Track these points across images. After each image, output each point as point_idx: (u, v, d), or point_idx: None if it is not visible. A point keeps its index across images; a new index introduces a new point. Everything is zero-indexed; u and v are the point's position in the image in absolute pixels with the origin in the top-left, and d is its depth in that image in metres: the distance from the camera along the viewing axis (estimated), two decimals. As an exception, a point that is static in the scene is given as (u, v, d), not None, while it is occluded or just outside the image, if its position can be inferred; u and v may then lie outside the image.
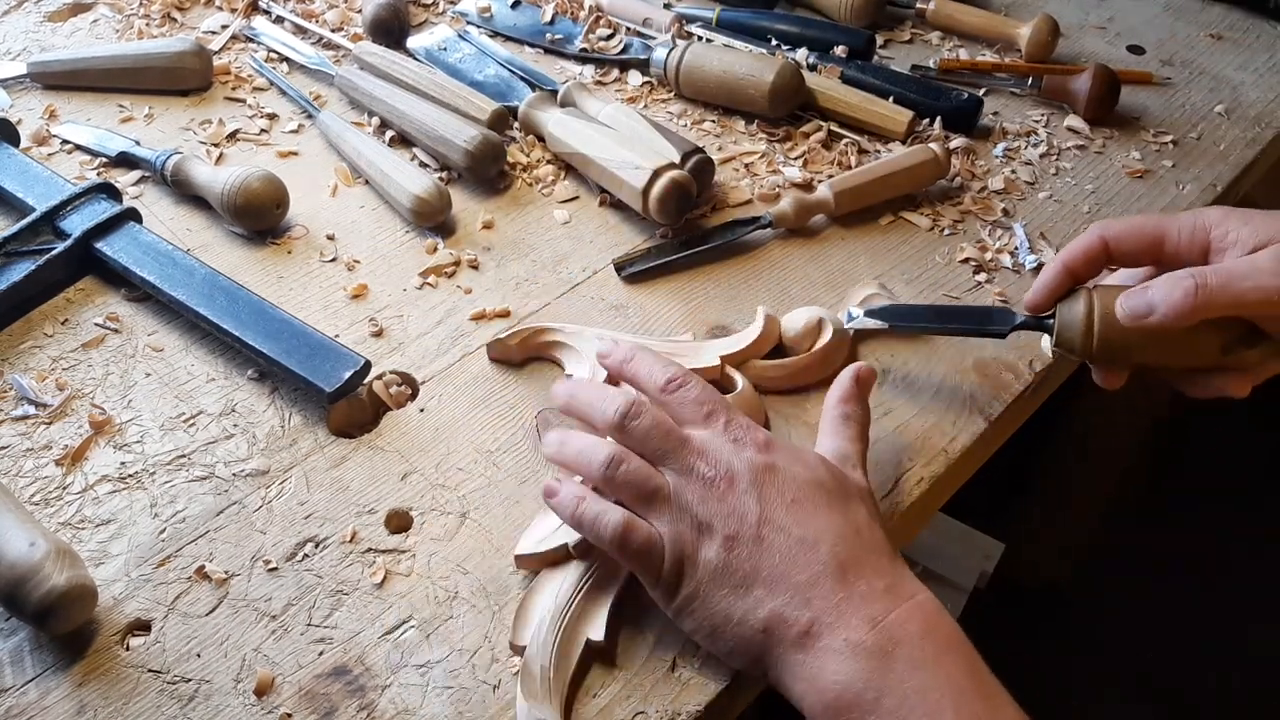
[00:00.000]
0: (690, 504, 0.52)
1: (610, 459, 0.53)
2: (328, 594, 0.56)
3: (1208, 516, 1.54)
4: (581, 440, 0.56)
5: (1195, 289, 0.55)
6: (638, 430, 0.54)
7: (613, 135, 0.80)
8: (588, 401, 0.57)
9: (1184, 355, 0.59)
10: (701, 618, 0.51)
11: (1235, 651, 1.45)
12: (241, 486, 0.61)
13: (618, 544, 0.52)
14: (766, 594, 0.50)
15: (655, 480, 0.53)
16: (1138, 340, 0.58)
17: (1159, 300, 0.56)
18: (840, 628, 0.48)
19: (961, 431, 0.66)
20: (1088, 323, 0.59)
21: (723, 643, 0.51)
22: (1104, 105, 0.91)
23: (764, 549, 0.50)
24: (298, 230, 0.78)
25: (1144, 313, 0.57)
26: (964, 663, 0.48)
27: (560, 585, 0.55)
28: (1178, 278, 0.56)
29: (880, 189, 0.81)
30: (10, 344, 0.69)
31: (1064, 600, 1.49)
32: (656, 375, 0.57)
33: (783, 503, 0.52)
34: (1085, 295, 0.60)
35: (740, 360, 0.67)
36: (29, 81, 0.91)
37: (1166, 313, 0.56)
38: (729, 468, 0.52)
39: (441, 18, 1.02)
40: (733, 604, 0.50)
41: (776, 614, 0.49)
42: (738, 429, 0.55)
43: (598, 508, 0.53)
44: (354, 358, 0.65)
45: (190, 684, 0.52)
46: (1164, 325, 0.56)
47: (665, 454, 0.53)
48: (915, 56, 1.00)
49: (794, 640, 0.49)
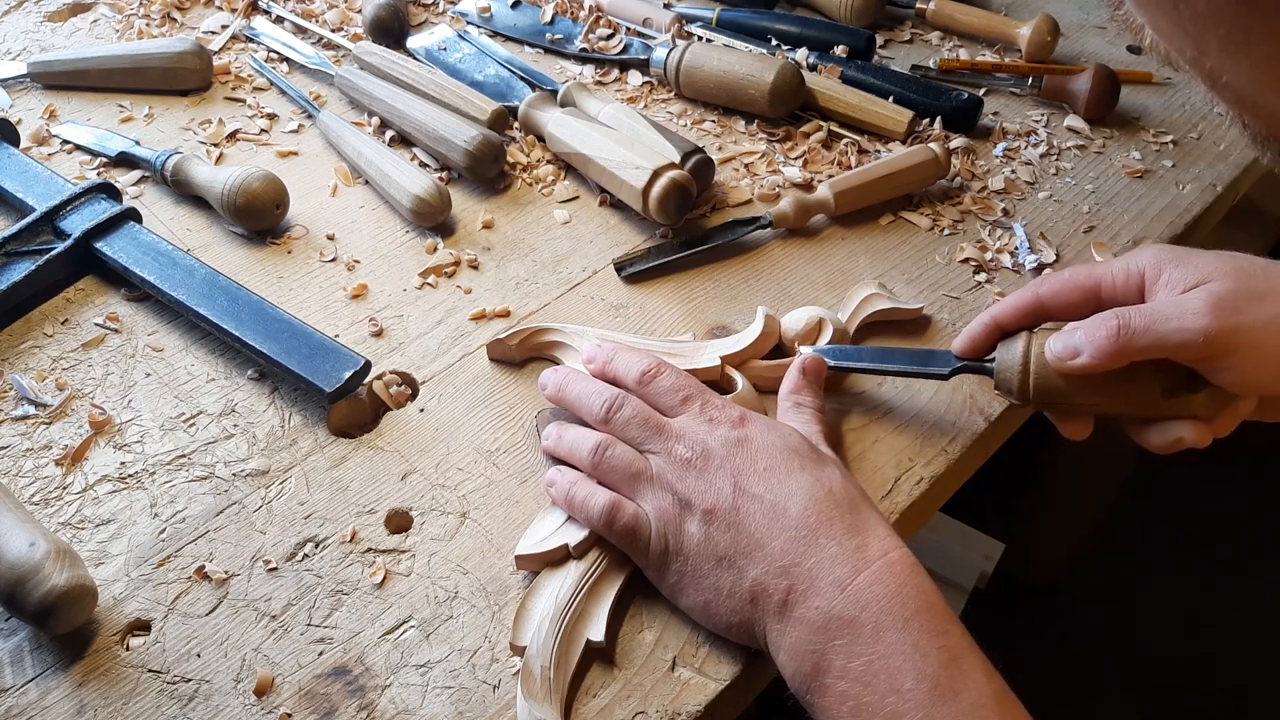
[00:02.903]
0: (671, 483, 0.54)
1: (596, 446, 0.57)
2: (328, 594, 0.56)
3: (1208, 517, 1.54)
4: (575, 433, 0.59)
5: (1119, 329, 0.54)
6: (620, 420, 0.58)
7: (613, 135, 0.80)
8: (576, 395, 0.61)
9: (1126, 400, 0.57)
10: (694, 594, 0.53)
11: (1235, 652, 1.45)
12: (241, 486, 0.61)
13: (605, 522, 0.54)
14: (748, 564, 0.51)
15: (639, 463, 0.56)
16: (1076, 384, 0.57)
17: (1084, 342, 0.55)
18: (812, 594, 0.49)
19: (961, 431, 0.66)
20: (1024, 365, 0.58)
21: (718, 618, 0.52)
22: (1104, 105, 0.91)
23: (741, 519, 0.52)
24: (298, 230, 0.78)
25: (1071, 354, 0.56)
26: (934, 624, 0.48)
27: (560, 585, 0.55)
28: (1103, 318, 0.55)
29: (880, 189, 0.81)
30: (10, 344, 0.69)
31: (1064, 600, 1.49)
32: (633, 369, 0.61)
33: (755, 471, 0.54)
34: (1024, 339, 0.59)
35: (741, 361, 0.67)
36: (29, 81, 0.91)
37: (1092, 353, 0.55)
38: (704, 446, 0.55)
39: (441, 18, 1.02)
40: (720, 577, 0.52)
41: (759, 583, 0.51)
42: (712, 409, 0.58)
43: (587, 490, 0.56)
44: (354, 358, 0.65)
45: (190, 684, 0.52)
46: (1092, 367, 0.55)
47: (646, 439, 0.57)
48: (915, 56, 1.00)
49: (776, 610, 0.50)
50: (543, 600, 0.54)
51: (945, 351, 0.63)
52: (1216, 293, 0.53)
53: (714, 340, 0.68)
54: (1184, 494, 1.56)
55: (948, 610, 0.49)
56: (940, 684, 0.46)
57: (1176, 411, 0.57)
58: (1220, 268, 0.54)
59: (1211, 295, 0.53)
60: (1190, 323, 0.53)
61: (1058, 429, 0.61)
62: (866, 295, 0.72)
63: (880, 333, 0.72)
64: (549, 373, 0.64)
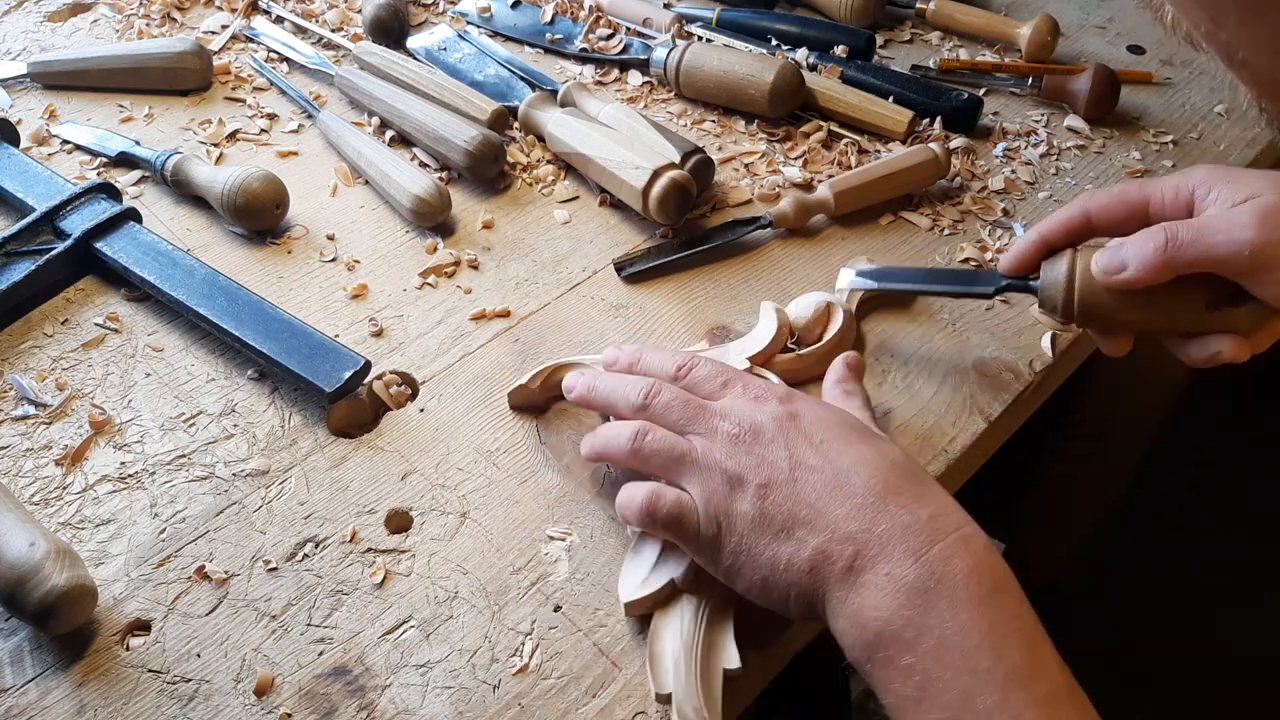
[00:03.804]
0: (719, 461, 0.52)
1: (635, 432, 0.54)
2: (328, 594, 0.56)
3: (1208, 517, 1.54)
4: (611, 426, 0.57)
5: (1165, 243, 0.54)
6: (659, 405, 0.56)
7: (613, 135, 0.80)
8: (610, 389, 0.59)
9: (1169, 315, 0.58)
10: (751, 572, 0.51)
11: (1236, 652, 1.45)
12: (241, 486, 0.61)
13: (648, 514, 0.52)
14: (808, 533, 0.49)
15: (681, 445, 0.54)
16: (1119, 300, 0.57)
17: (1131, 256, 0.55)
18: (883, 560, 0.47)
19: (961, 431, 0.66)
20: (1069, 282, 0.58)
21: (777, 593, 0.50)
22: (1104, 105, 0.91)
23: (799, 490, 0.50)
24: (298, 230, 0.78)
25: (1117, 268, 0.56)
26: (1010, 607, 0.46)
27: (680, 623, 0.53)
28: (1150, 233, 0.55)
29: (880, 189, 0.81)
30: (10, 344, 0.69)
31: (1064, 600, 1.49)
32: (667, 365, 0.59)
33: (811, 445, 0.52)
34: (1069, 256, 0.59)
35: (765, 359, 0.66)
36: (29, 81, 0.91)
37: (1139, 267, 0.55)
38: (752, 421, 0.53)
39: (441, 18, 1.02)
40: (778, 550, 0.50)
41: (820, 550, 0.49)
42: (757, 389, 0.56)
43: (629, 492, 0.54)
44: (354, 358, 0.65)
45: (190, 684, 0.52)
46: (1138, 281, 0.55)
47: (689, 422, 0.54)
48: (915, 56, 1.00)
49: (839, 576, 0.48)
50: (669, 642, 0.53)
51: (991, 272, 0.63)
52: (1265, 206, 0.53)
53: (732, 343, 0.68)
54: (1184, 494, 1.56)
55: (1022, 595, 0.47)
56: (1018, 669, 0.44)
57: (1218, 326, 0.57)
58: (1269, 184, 0.54)
59: (1259, 208, 0.53)
60: (1237, 235, 0.52)
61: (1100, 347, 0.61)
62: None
63: (874, 310, 0.72)
64: (575, 374, 0.62)
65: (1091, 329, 0.62)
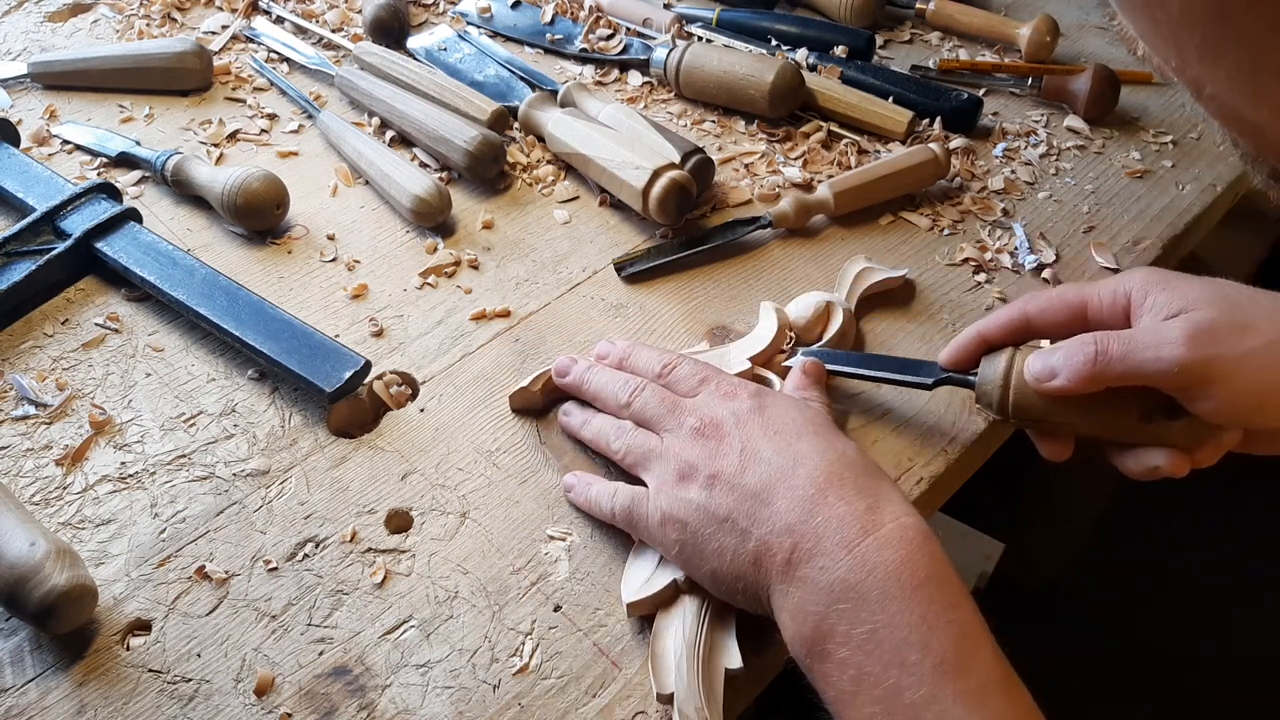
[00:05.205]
0: (679, 453, 0.55)
1: (618, 429, 0.59)
2: (328, 594, 0.56)
3: (1208, 518, 1.54)
4: (600, 421, 0.62)
5: (1095, 355, 0.53)
6: (640, 403, 0.59)
7: (613, 135, 0.80)
8: (599, 384, 0.62)
9: (1104, 424, 0.57)
10: (699, 562, 0.52)
11: (1235, 652, 1.45)
12: (241, 486, 0.61)
13: (612, 512, 0.57)
14: (751, 524, 0.51)
15: (650, 441, 0.58)
16: (1053, 404, 0.56)
17: (1062, 364, 0.55)
18: (817, 554, 0.48)
19: (961, 432, 0.66)
20: (1005, 382, 0.58)
21: (726, 585, 0.52)
22: (1104, 105, 0.91)
23: (745, 481, 0.52)
24: (298, 230, 0.78)
25: (1048, 375, 0.55)
26: (944, 597, 0.46)
27: (682, 624, 0.53)
28: (1081, 341, 0.54)
29: (880, 189, 0.81)
30: (10, 344, 0.69)
31: (1064, 600, 1.49)
32: (653, 363, 0.62)
33: (765, 435, 0.54)
34: (1008, 354, 0.59)
35: (766, 359, 0.66)
36: (29, 81, 0.91)
37: (1068, 377, 0.54)
38: (714, 416, 0.56)
39: (441, 18, 1.02)
40: (724, 541, 0.51)
41: (762, 542, 0.50)
42: (729, 385, 0.59)
43: (598, 488, 0.58)
44: (354, 358, 0.65)
45: (190, 684, 0.52)
46: (1068, 390, 0.54)
47: (662, 418, 0.58)
48: (915, 56, 1.00)
49: (780, 570, 0.49)
50: (670, 642, 0.53)
51: (931, 362, 0.63)
52: (1196, 322, 0.52)
53: (733, 344, 0.68)
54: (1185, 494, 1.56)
55: (960, 584, 0.47)
56: (947, 661, 0.44)
57: (1155, 438, 0.56)
58: (1205, 295, 0.54)
59: (1191, 324, 0.52)
60: (1166, 352, 0.52)
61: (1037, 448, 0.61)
62: (860, 270, 0.72)
63: (873, 307, 0.73)
64: (568, 359, 0.65)
65: (1028, 430, 0.61)
